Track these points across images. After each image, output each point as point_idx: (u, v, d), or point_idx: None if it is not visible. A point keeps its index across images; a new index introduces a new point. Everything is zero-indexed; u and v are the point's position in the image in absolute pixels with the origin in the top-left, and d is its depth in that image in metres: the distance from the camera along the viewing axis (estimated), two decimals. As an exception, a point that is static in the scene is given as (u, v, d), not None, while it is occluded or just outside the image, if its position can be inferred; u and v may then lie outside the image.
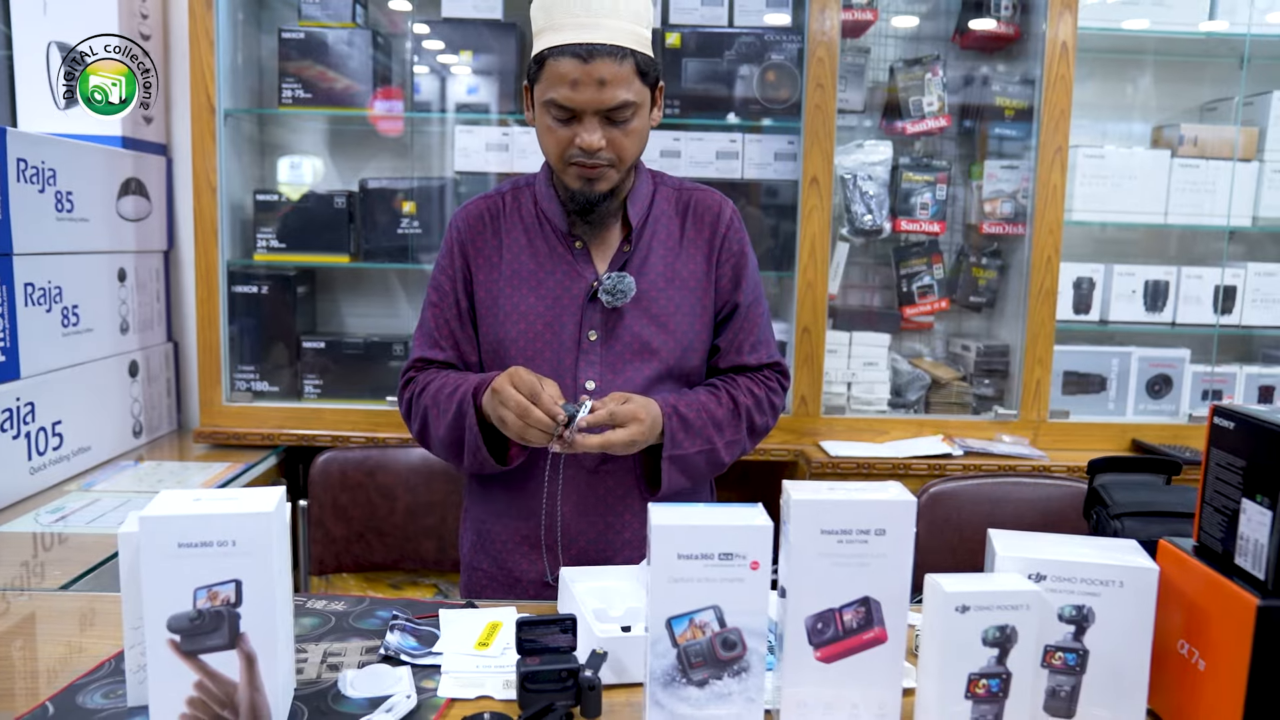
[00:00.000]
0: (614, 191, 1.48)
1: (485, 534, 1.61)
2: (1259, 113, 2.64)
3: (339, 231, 2.51)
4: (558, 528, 1.54)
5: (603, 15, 1.38)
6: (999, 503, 2.04)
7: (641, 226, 1.54)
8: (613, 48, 1.37)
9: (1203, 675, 1.02)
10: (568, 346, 1.51)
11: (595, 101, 1.38)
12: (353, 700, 1.10)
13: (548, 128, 1.44)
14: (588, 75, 1.37)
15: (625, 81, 1.39)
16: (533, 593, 1.56)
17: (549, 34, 1.40)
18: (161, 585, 0.97)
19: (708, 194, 1.60)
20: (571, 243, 1.53)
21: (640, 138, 1.46)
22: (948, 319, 2.82)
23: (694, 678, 1.00)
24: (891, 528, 1.02)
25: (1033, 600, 0.99)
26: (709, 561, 0.99)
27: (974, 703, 1.00)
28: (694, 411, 1.49)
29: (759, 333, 1.59)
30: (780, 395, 1.61)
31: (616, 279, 1.48)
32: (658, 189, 1.58)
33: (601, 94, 1.38)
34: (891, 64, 2.66)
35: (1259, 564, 0.97)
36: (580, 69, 1.37)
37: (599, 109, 1.39)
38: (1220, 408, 1.06)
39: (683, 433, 1.48)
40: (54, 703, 1.08)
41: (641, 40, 1.42)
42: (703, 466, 1.52)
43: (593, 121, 1.40)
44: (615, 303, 1.49)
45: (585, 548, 1.54)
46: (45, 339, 2.02)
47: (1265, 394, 2.69)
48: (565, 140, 1.42)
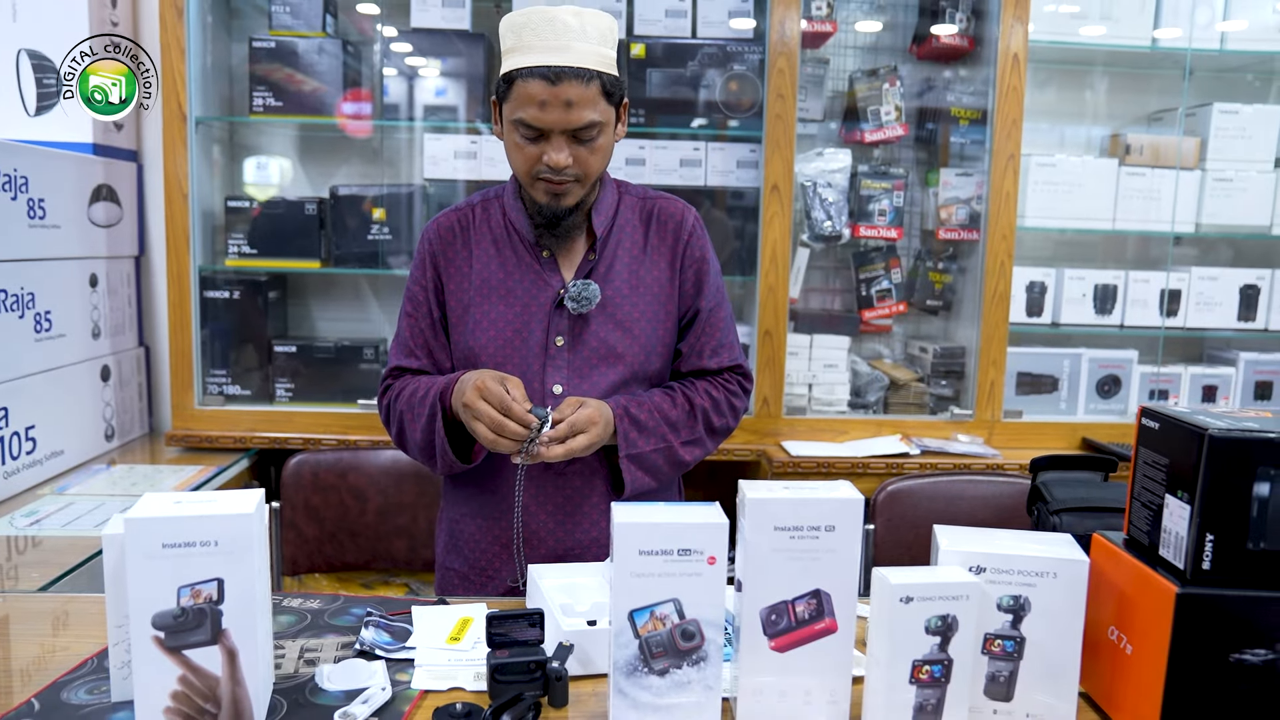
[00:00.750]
0: (579, 204, 1.54)
1: (458, 534, 1.66)
2: (1200, 124, 2.74)
3: (310, 237, 2.54)
4: (523, 530, 1.59)
5: (571, 38, 1.43)
6: (954, 500, 2.12)
7: (606, 235, 1.60)
8: (579, 70, 1.42)
9: (1130, 659, 1.09)
10: (535, 352, 1.56)
11: (562, 122, 1.44)
12: (330, 693, 1.15)
13: (516, 145, 1.49)
14: (555, 97, 1.42)
15: (591, 102, 1.44)
16: (503, 591, 1.61)
17: (518, 54, 1.45)
18: (146, 584, 1.01)
19: (671, 202, 1.65)
20: (539, 252, 1.58)
21: (605, 154, 1.52)
22: (905, 322, 2.90)
23: (655, 667, 1.06)
24: (841, 524, 1.08)
25: (972, 591, 1.06)
26: (668, 557, 1.04)
27: (918, 687, 1.06)
28: (646, 412, 1.55)
29: (720, 336, 1.64)
30: (741, 398, 1.66)
31: (581, 286, 1.54)
32: (622, 198, 1.63)
33: (568, 115, 1.43)
34: (850, 74, 2.74)
35: (1179, 555, 1.04)
36: (548, 91, 1.42)
37: (566, 129, 1.45)
38: (1147, 409, 1.13)
39: (636, 432, 1.53)
40: (39, 699, 1.12)
41: (607, 61, 1.48)
42: (662, 465, 1.57)
43: (560, 140, 1.46)
44: (580, 309, 1.54)
45: (554, 546, 1.59)
46: (18, 344, 2.04)
47: (1209, 393, 2.79)
48: (533, 157, 1.47)
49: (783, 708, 1.10)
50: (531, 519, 1.59)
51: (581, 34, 1.43)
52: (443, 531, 1.71)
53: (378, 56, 2.62)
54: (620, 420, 1.52)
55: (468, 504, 1.64)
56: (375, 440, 2.42)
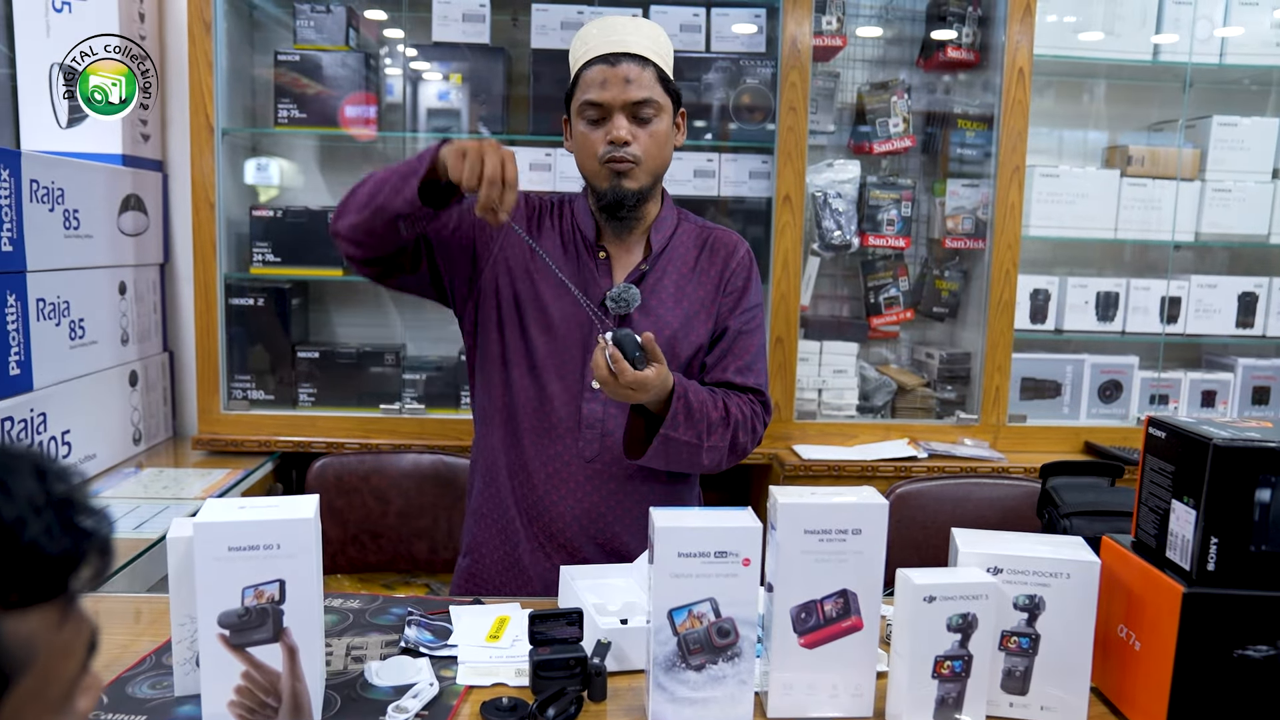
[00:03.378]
0: (641, 197, 1.63)
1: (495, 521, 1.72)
2: (1200, 135, 2.81)
3: (332, 246, 2.56)
4: (559, 525, 1.66)
5: (625, 33, 1.61)
6: (961, 502, 2.18)
7: (661, 251, 1.69)
8: (635, 55, 1.59)
9: (1139, 655, 1.16)
10: (578, 345, 1.64)
11: (622, 96, 1.58)
12: (380, 688, 1.21)
13: (583, 134, 1.62)
14: (615, 75, 1.58)
15: (648, 83, 1.60)
16: (537, 587, 1.67)
17: (582, 54, 1.62)
18: (213, 585, 1.07)
19: (727, 234, 1.75)
20: (596, 253, 1.68)
21: (662, 143, 1.64)
22: (912, 328, 2.96)
23: (692, 663, 1.12)
24: (867, 527, 1.15)
25: (991, 591, 1.13)
26: (706, 559, 1.11)
27: (940, 682, 1.13)
28: (698, 402, 1.57)
29: (748, 360, 1.68)
30: (761, 424, 1.67)
31: (623, 288, 1.62)
32: (680, 223, 1.73)
33: (627, 90, 1.58)
34: (859, 87, 2.80)
35: (1185, 557, 1.11)
36: (608, 71, 1.58)
37: (625, 103, 1.58)
38: (1154, 418, 1.20)
39: (683, 416, 1.55)
40: (106, 693, 1.18)
41: (661, 56, 1.64)
42: (683, 458, 1.59)
43: (621, 117, 1.59)
44: (620, 310, 1.62)
45: (586, 545, 1.67)
46: (55, 351, 2.10)
47: (1208, 398, 2.86)
48: (598, 140, 1.60)
49: (811, 701, 1.17)
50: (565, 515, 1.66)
51: (636, 30, 1.62)
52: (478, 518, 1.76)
53: (399, 70, 2.68)
54: (678, 399, 1.54)
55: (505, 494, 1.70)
56: (397, 444, 2.48)
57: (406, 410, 2.62)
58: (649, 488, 1.66)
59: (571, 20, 2.56)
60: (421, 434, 2.57)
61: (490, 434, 1.70)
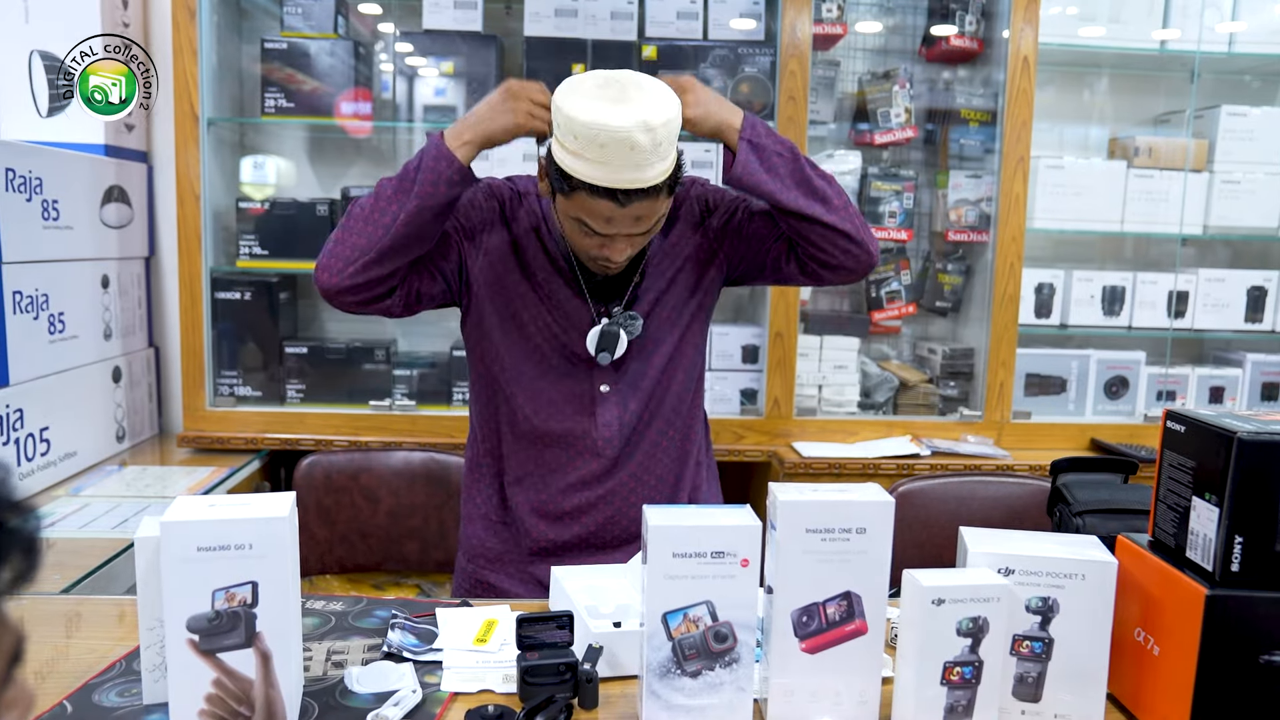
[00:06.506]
0: None
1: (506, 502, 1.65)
2: (1208, 125, 2.75)
3: (321, 238, 2.50)
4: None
5: (642, 158, 1.31)
6: (965, 500, 2.13)
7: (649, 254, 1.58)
8: (649, 190, 1.34)
9: (1157, 660, 1.10)
10: (579, 354, 1.55)
11: (628, 230, 1.39)
12: (360, 695, 1.15)
13: (573, 230, 1.43)
14: (624, 215, 1.36)
15: (658, 210, 1.40)
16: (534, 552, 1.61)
17: (581, 163, 1.33)
18: (181, 587, 1.02)
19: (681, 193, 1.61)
20: (576, 272, 1.55)
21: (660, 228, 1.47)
22: (914, 323, 2.91)
23: (688, 669, 1.07)
24: (871, 526, 1.09)
25: (1003, 593, 1.07)
26: (702, 559, 1.05)
27: (949, 689, 1.07)
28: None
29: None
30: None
31: (624, 319, 1.53)
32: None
33: (635, 226, 1.39)
34: (860, 76, 2.75)
35: (1208, 557, 1.05)
36: (616, 210, 1.35)
37: (630, 235, 1.40)
38: (1172, 412, 1.14)
39: (764, 128, 1.48)
40: (71, 701, 1.12)
41: (673, 159, 1.38)
42: (784, 170, 1.47)
43: (623, 241, 1.41)
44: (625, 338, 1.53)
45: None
46: (33, 346, 2.04)
47: (1216, 394, 2.80)
48: (591, 245, 1.43)
49: (813, 708, 1.11)
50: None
51: (654, 150, 1.31)
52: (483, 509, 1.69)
53: (389, 58, 2.62)
54: (747, 115, 1.48)
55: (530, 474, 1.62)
56: (387, 441, 2.42)
57: (397, 407, 2.56)
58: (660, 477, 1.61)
59: (566, 7, 2.51)
60: (413, 431, 2.51)
61: (489, 438, 1.65)
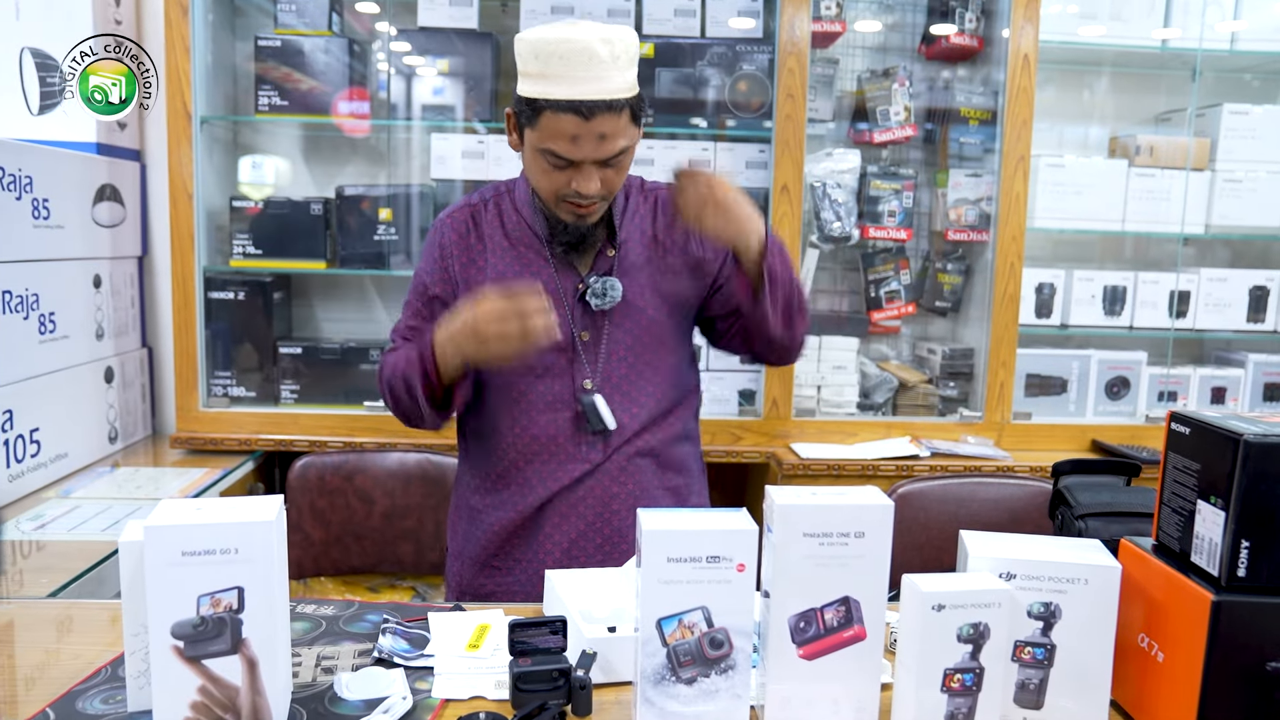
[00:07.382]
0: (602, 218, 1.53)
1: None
2: (1210, 124, 2.73)
3: (315, 238, 2.52)
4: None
5: (602, 69, 1.38)
6: (965, 502, 2.11)
7: (622, 235, 1.59)
8: (612, 102, 1.39)
9: (1161, 667, 1.08)
10: (561, 347, 1.54)
11: (595, 154, 1.42)
12: (349, 702, 1.13)
13: (543, 170, 1.46)
14: (589, 131, 1.40)
15: (623, 131, 1.43)
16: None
17: (544, 83, 1.40)
18: (166, 593, 0.99)
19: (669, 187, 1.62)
20: (553, 248, 1.57)
21: (627, 169, 1.51)
22: (914, 323, 2.88)
23: (683, 676, 1.04)
24: (870, 530, 1.07)
25: (1004, 598, 1.05)
26: (697, 564, 1.03)
27: (949, 696, 1.05)
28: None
29: None
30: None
31: (604, 283, 1.53)
32: (629, 191, 1.63)
33: (601, 147, 1.42)
34: (859, 74, 2.73)
35: (1213, 561, 1.03)
36: (581, 126, 1.39)
37: (598, 159, 1.43)
38: (1177, 414, 1.12)
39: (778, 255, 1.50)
40: (54, 709, 1.10)
41: (634, 84, 1.44)
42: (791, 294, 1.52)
43: (590, 169, 1.44)
44: (603, 305, 1.54)
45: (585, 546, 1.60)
46: (22, 346, 2.02)
47: (1218, 395, 2.78)
48: (561, 182, 1.46)
49: (810, 716, 1.09)
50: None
51: (613, 63, 1.39)
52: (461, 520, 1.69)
53: (384, 56, 2.60)
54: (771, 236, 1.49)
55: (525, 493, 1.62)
56: (381, 442, 2.40)
57: (392, 408, 2.53)
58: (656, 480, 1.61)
59: (562, 4, 2.49)
60: (407, 432, 2.47)
61: (486, 441, 1.64)
